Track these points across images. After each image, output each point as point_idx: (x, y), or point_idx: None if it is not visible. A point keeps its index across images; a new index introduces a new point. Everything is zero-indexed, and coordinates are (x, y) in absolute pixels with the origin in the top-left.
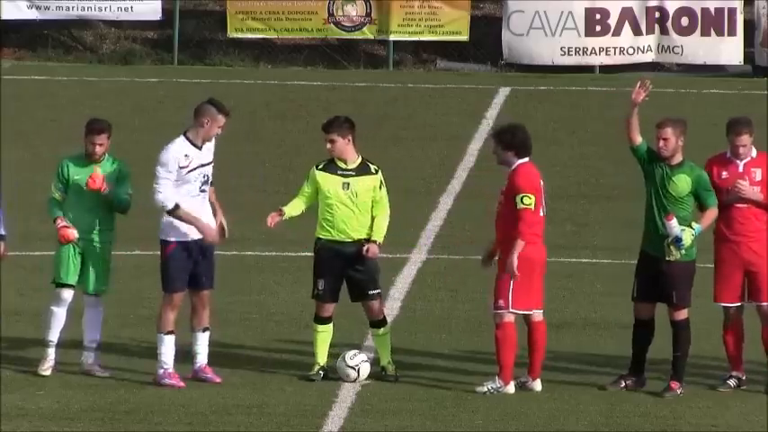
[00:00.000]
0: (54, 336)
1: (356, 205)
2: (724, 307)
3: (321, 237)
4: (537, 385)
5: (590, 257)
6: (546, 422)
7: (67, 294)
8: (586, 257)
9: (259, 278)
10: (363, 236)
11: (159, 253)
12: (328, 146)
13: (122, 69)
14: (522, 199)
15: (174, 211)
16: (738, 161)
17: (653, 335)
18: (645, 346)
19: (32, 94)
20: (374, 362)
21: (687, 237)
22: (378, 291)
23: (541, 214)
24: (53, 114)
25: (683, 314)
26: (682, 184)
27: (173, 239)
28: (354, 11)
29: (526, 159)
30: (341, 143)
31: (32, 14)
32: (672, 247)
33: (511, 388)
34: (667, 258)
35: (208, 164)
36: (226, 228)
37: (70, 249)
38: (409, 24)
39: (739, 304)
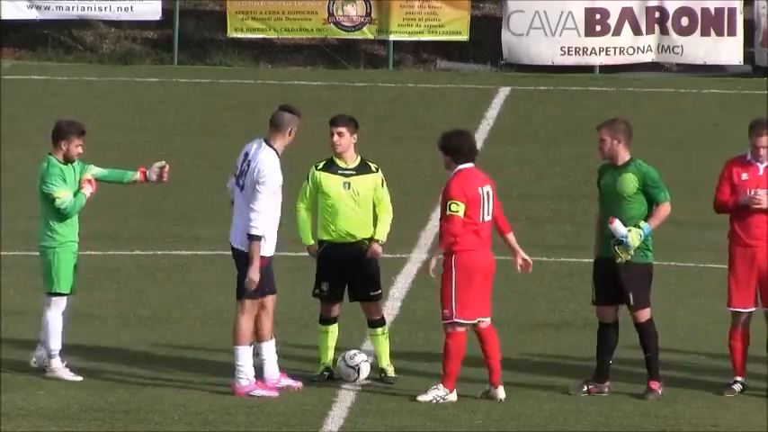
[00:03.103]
0: (60, 344)
1: (358, 204)
2: (736, 312)
3: (323, 239)
4: (501, 392)
5: (590, 257)
6: (546, 422)
7: (65, 301)
8: (586, 257)
9: None
10: (365, 235)
11: (238, 261)
12: (335, 138)
13: (122, 69)
14: (449, 205)
15: (257, 241)
16: (759, 164)
17: (617, 338)
18: (610, 350)
19: (32, 94)
20: (373, 363)
21: (633, 236)
22: (378, 292)
23: (485, 220)
24: (53, 114)
25: (644, 315)
26: (628, 183)
27: (265, 254)
28: (354, 11)
29: (468, 165)
30: (347, 138)
31: (32, 14)
32: (618, 248)
33: (454, 395)
34: (617, 261)
35: None
36: None
37: (70, 258)
38: (409, 24)
39: (751, 310)
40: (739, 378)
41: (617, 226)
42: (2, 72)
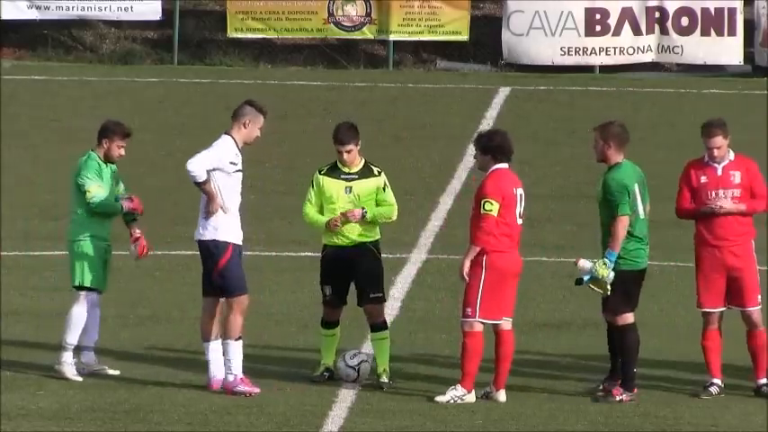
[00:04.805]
0: (76, 339)
1: (359, 208)
2: (705, 312)
3: (326, 243)
4: (501, 396)
5: (590, 257)
6: (546, 422)
7: (92, 297)
8: (587, 258)
9: (259, 278)
10: (367, 239)
11: (204, 256)
12: (345, 156)
13: (122, 69)
14: (484, 204)
15: (205, 184)
16: (716, 165)
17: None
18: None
19: (32, 94)
20: (373, 364)
21: (600, 268)
22: (379, 294)
23: (518, 222)
24: (53, 114)
25: (622, 319)
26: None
27: (231, 241)
28: (354, 11)
29: (503, 165)
30: (355, 151)
31: (32, 14)
32: (592, 285)
33: (472, 396)
34: (602, 296)
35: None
36: None
37: (96, 254)
38: (409, 24)
39: (721, 309)
40: (716, 380)
41: (582, 265)
42: (2, 72)
